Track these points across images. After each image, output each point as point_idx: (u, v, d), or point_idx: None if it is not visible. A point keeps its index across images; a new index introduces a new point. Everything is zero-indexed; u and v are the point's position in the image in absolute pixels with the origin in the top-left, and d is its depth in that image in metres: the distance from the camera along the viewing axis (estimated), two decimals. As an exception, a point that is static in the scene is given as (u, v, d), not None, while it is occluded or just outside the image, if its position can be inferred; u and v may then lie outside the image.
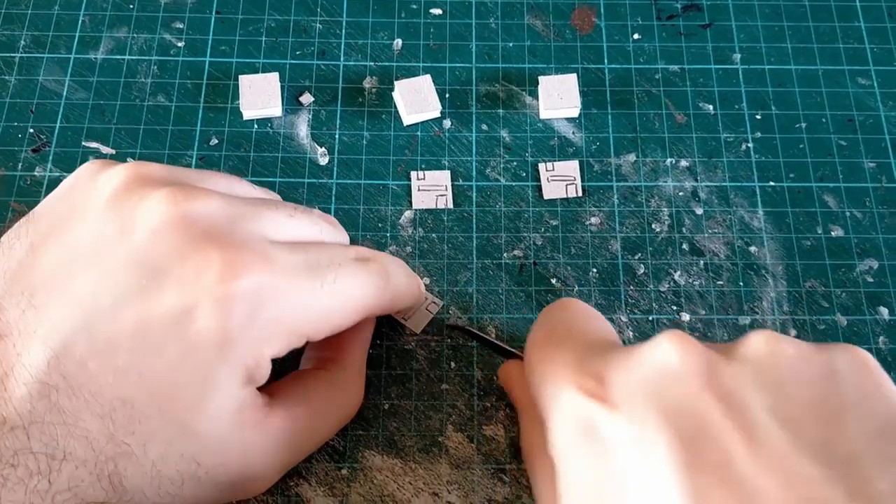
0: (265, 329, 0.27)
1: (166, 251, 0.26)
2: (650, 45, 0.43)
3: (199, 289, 0.26)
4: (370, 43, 0.43)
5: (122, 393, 0.25)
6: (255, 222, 0.29)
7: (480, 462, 0.34)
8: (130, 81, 0.42)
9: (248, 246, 0.27)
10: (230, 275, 0.26)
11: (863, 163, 0.41)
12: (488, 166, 0.40)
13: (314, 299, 0.28)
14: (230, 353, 0.26)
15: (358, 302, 0.30)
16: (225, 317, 0.26)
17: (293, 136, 0.41)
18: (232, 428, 0.27)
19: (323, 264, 0.29)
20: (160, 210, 0.27)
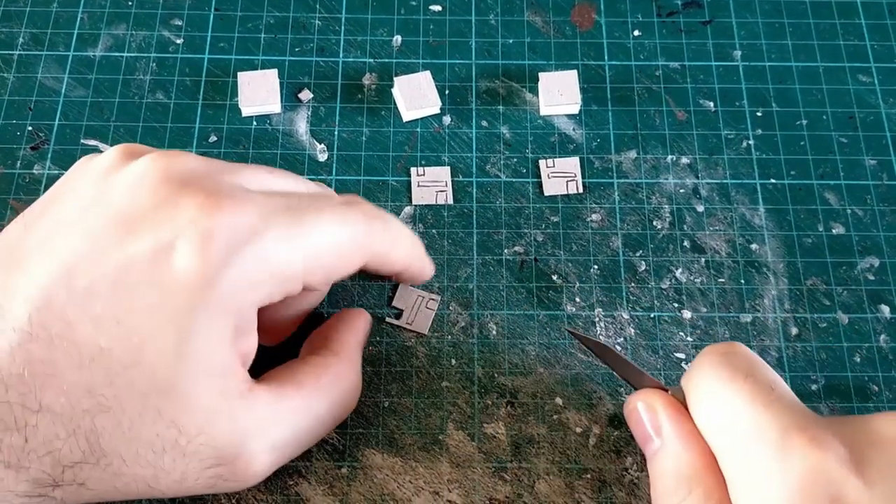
0: (247, 270, 0.26)
1: (143, 201, 0.27)
2: (650, 42, 0.43)
3: (175, 226, 0.26)
4: (369, 39, 0.43)
5: (99, 341, 0.25)
6: (235, 175, 0.29)
7: (481, 460, 0.34)
8: (129, 79, 0.42)
9: (222, 189, 0.27)
10: (207, 210, 0.26)
11: (864, 160, 0.40)
12: (488, 162, 0.40)
13: (297, 240, 0.28)
14: (210, 296, 0.26)
15: (348, 242, 0.29)
16: (203, 252, 0.25)
17: (292, 132, 0.40)
18: (215, 393, 0.26)
19: (303, 206, 0.28)
20: (139, 169, 0.27)
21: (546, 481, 0.33)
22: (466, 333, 0.36)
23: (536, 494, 0.33)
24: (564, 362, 0.35)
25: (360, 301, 0.36)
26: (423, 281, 0.36)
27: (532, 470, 0.33)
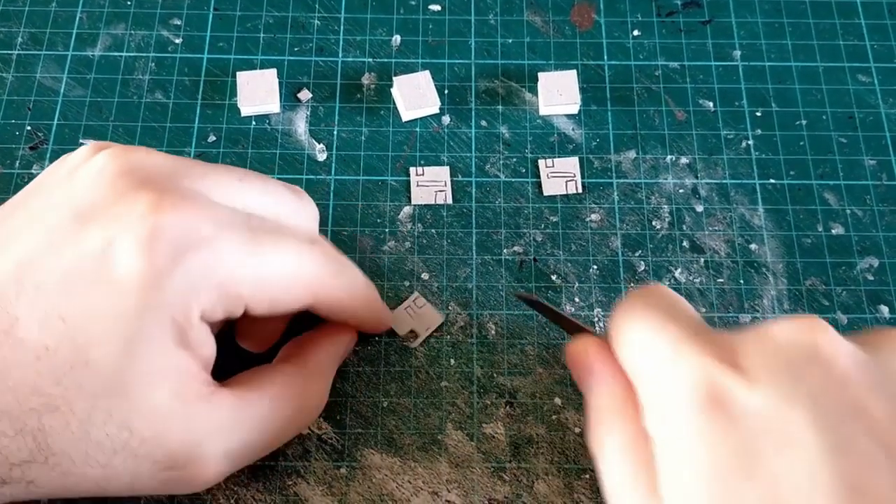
0: (192, 277, 0.26)
1: (99, 196, 0.26)
2: (650, 42, 0.43)
3: (123, 226, 0.25)
4: (368, 39, 0.43)
5: (46, 340, 0.25)
6: (199, 179, 0.28)
7: (480, 460, 0.34)
8: (128, 78, 0.42)
9: (182, 192, 0.27)
10: (157, 210, 0.25)
11: (863, 160, 0.40)
12: (488, 162, 0.40)
13: (249, 259, 0.27)
14: (153, 297, 0.25)
15: (300, 279, 0.29)
16: (147, 255, 0.25)
17: (291, 132, 0.40)
18: (169, 396, 0.26)
19: (263, 230, 0.28)
20: (101, 161, 0.27)
21: (545, 481, 0.33)
22: (465, 333, 0.36)
23: (535, 494, 0.33)
24: (563, 362, 0.35)
25: (359, 301, 0.36)
26: (379, 332, 0.35)
27: (531, 470, 0.33)
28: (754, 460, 0.22)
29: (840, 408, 0.22)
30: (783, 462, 0.22)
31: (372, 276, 0.37)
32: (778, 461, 0.22)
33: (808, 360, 0.23)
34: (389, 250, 0.38)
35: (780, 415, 0.22)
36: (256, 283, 0.28)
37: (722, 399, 0.23)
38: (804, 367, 0.23)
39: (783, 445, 0.22)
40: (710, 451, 0.23)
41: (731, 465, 0.23)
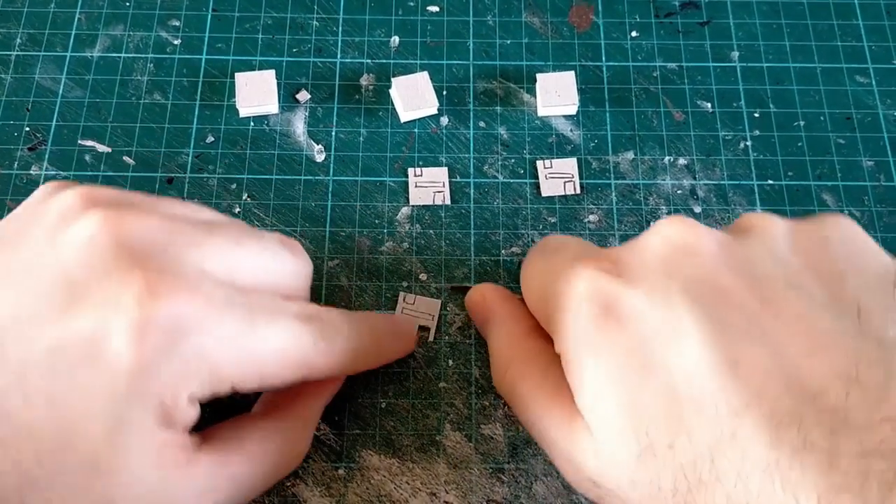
0: (183, 364, 0.25)
1: (90, 269, 0.25)
2: (648, 43, 0.43)
3: (115, 310, 0.24)
4: (367, 40, 0.43)
5: (29, 418, 0.24)
6: (195, 249, 0.27)
7: (478, 461, 0.34)
8: (127, 79, 0.42)
9: (177, 270, 0.26)
10: (150, 298, 0.24)
11: (861, 161, 0.40)
12: (486, 163, 0.40)
13: (242, 342, 0.26)
14: (143, 385, 0.25)
15: (292, 358, 0.28)
16: (139, 343, 0.24)
17: (290, 133, 0.40)
18: (150, 469, 0.25)
19: (258, 308, 0.27)
20: (92, 227, 0.26)
21: (543, 482, 0.33)
22: (464, 334, 0.36)
23: (534, 496, 0.33)
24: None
25: (357, 302, 0.36)
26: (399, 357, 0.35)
27: (529, 471, 0.33)
28: (648, 357, 0.24)
29: (710, 291, 0.24)
30: (672, 353, 0.24)
31: (370, 277, 0.37)
32: (668, 353, 0.24)
33: (679, 254, 0.25)
34: (387, 251, 0.38)
35: (662, 309, 0.24)
36: (247, 365, 0.27)
37: (611, 306, 0.25)
38: (676, 261, 0.25)
39: (669, 338, 0.24)
40: (609, 356, 0.25)
41: (630, 364, 0.24)
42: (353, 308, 0.36)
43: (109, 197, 0.28)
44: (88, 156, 0.40)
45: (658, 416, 0.24)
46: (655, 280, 0.25)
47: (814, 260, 0.25)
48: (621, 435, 0.24)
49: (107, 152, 0.40)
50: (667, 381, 0.24)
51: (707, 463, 0.22)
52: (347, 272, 0.37)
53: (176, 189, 0.39)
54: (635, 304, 0.25)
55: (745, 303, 0.24)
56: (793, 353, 0.22)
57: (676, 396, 0.23)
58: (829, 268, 0.25)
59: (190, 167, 0.39)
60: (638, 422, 0.24)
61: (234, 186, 0.39)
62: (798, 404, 0.21)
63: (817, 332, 0.22)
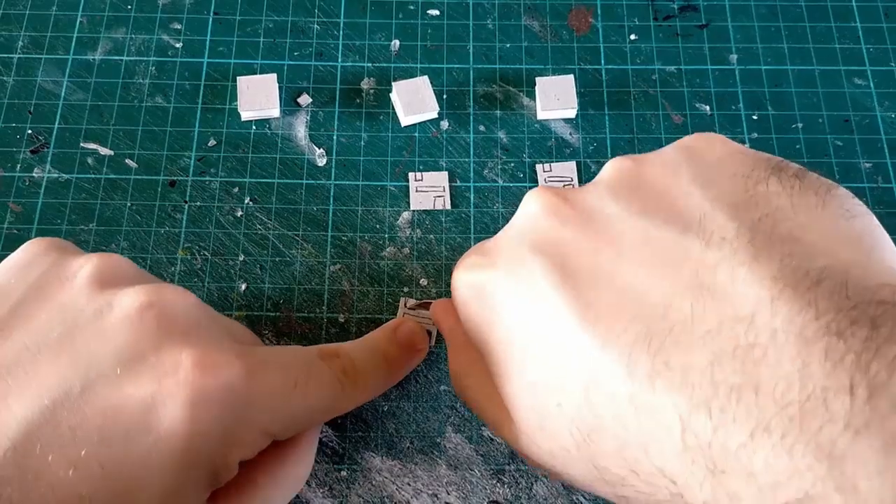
0: (235, 431, 0.26)
1: (142, 340, 0.25)
2: (647, 46, 0.43)
3: (172, 384, 0.25)
4: (368, 44, 0.43)
5: (81, 488, 0.23)
6: (226, 327, 0.29)
7: (479, 463, 0.34)
8: (128, 82, 0.42)
9: (223, 345, 0.27)
10: (204, 371, 0.25)
11: (859, 163, 0.41)
12: (486, 167, 0.40)
13: (285, 401, 0.27)
14: (197, 455, 0.25)
15: (324, 403, 0.29)
16: (195, 416, 0.25)
17: (291, 137, 0.41)
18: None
19: (292, 364, 0.28)
20: (139, 299, 0.26)
21: (544, 483, 0.34)
22: (461, 335, 0.36)
23: (534, 496, 0.33)
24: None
25: (359, 307, 0.37)
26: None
27: (530, 472, 0.34)
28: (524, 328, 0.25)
29: (553, 246, 0.25)
30: (536, 316, 0.24)
31: (371, 282, 0.37)
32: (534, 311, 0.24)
33: (530, 220, 0.26)
34: (389, 256, 0.38)
35: (518, 274, 0.25)
36: (290, 419, 0.28)
37: (483, 296, 0.26)
38: (527, 228, 0.26)
39: (532, 302, 0.24)
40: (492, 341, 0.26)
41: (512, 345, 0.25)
42: (355, 313, 0.37)
43: (128, 270, 0.28)
44: (90, 159, 0.40)
45: (544, 382, 0.24)
46: (511, 254, 0.26)
47: (671, 172, 0.25)
48: (526, 414, 0.25)
49: (109, 155, 0.40)
50: (541, 342, 0.24)
51: (587, 410, 0.22)
52: (349, 277, 0.37)
53: (178, 192, 0.39)
54: (497, 283, 0.26)
55: (588, 248, 0.24)
56: (638, 282, 0.22)
57: (550, 353, 0.23)
58: (674, 190, 0.24)
59: (192, 170, 0.40)
60: (532, 396, 0.25)
61: (237, 190, 0.39)
62: (648, 328, 0.21)
63: (660, 253, 0.22)
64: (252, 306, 0.37)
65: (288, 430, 0.29)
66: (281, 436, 0.28)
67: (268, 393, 0.27)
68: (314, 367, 0.29)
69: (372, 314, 0.37)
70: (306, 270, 0.37)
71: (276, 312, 0.37)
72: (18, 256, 0.28)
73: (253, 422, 0.27)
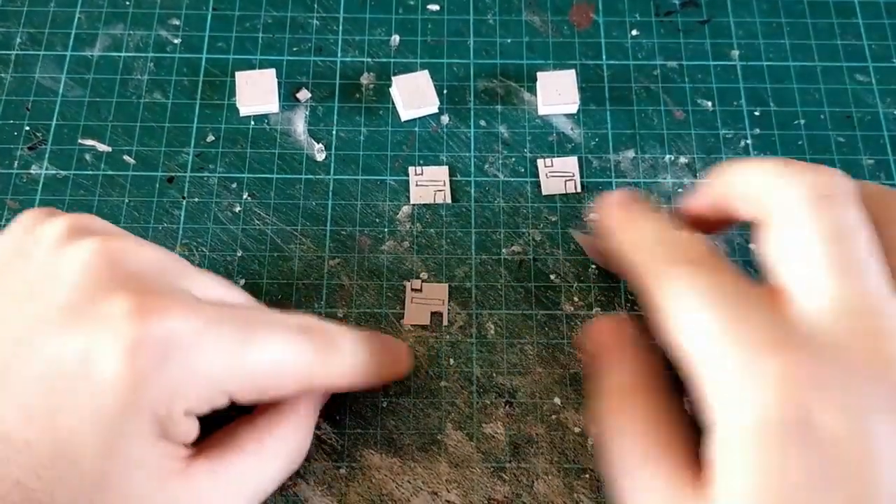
0: (177, 379, 0.26)
1: (85, 291, 0.26)
2: (648, 42, 0.43)
3: (107, 329, 0.25)
4: (367, 39, 0.43)
5: (28, 433, 0.25)
6: (186, 279, 0.28)
7: (480, 460, 0.34)
8: (127, 78, 0.42)
9: (168, 292, 0.26)
10: (141, 317, 0.25)
11: (861, 160, 0.40)
12: (486, 162, 0.40)
13: (238, 356, 0.27)
14: (135, 400, 0.25)
15: (290, 370, 0.28)
16: (130, 360, 0.25)
17: (290, 132, 0.40)
18: (149, 481, 0.26)
19: (252, 322, 0.27)
20: (89, 252, 0.26)
21: (545, 481, 0.33)
22: (465, 333, 0.36)
23: (535, 494, 0.33)
24: (563, 362, 0.35)
25: (358, 301, 0.36)
26: (396, 378, 0.34)
27: (531, 470, 0.33)
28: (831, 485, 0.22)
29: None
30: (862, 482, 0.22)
31: (371, 276, 0.37)
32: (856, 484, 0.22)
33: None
34: (388, 250, 0.38)
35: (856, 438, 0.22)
36: (243, 378, 0.27)
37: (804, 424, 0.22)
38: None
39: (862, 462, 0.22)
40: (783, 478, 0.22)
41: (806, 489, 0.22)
42: (354, 307, 0.36)
43: (99, 226, 0.29)
44: (89, 155, 0.39)
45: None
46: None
47: None
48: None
49: (107, 151, 0.40)
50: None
51: None
52: (348, 271, 0.37)
53: (176, 188, 0.39)
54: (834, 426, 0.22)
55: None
56: None
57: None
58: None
59: (190, 166, 0.39)
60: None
61: (235, 185, 0.39)
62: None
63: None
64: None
65: (247, 390, 0.28)
66: (241, 397, 0.28)
67: (216, 344, 0.26)
68: (280, 328, 0.28)
69: (371, 308, 0.36)
70: (305, 265, 0.37)
71: (275, 308, 0.36)
72: (9, 228, 0.30)
73: (200, 374, 0.26)
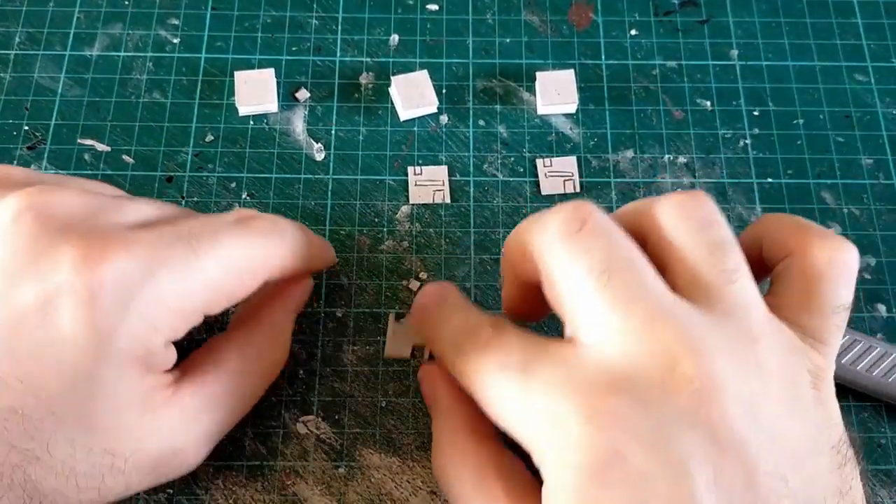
0: (145, 315, 0.26)
1: (23, 248, 0.25)
2: (647, 41, 0.43)
3: (59, 285, 0.25)
4: (366, 39, 0.43)
5: (8, 402, 0.25)
6: (117, 212, 0.28)
7: (478, 459, 0.34)
8: (126, 78, 0.42)
9: (106, 234, 0.26)
10: (88, 266, 0.25)
11: (860, 159, 0.40)
12: (486, 162, 0.40)
13: (194, 272, 0.27)
14: (110, 348, 0.25)
15: (249, 265, 0.28)
16: (90, 311, 0.25)
17: (289, 132, 0.40)
18: (138, 414, 0.26)
19: (195, 233, 0.27)
20: (14, 207, 0.26)
21: (543, 480, 0.33)
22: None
23: (534, 494, 0.33)
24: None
25: (358, 301, 0.36)
26: (328, 265, 0.35)
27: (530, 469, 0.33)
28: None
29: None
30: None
31: (370, 276, 0.37)
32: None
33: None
34: (387, 249, 0.38)
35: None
36: (208, 289, 0.27)
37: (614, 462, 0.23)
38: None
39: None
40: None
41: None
42: (353, 307, 0.36)
43: (21, 177, 0.28)
44: (88, 155, 0.39)
45: None
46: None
47: None
48: None
49: (106, 151, 0.40)
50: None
51: None
52: (347, 270, 0.37)
53: (175, 188, 0.39)
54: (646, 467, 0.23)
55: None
56: None
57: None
58: None
59: (189, 166, 0.39)
60: None
61: (234, 185, 0.39)
62: None
63: None
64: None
65: (213, 301, 0.28)
66: (211, 309, 0.28)
67: (168, 270, 0.26)
68: (222, 232, 0.28)
69: (370, 308, 0.36)
70: (304, 265, 0.37)
71: (274, 308, 0.36)
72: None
73: (164, 302, 0.26)
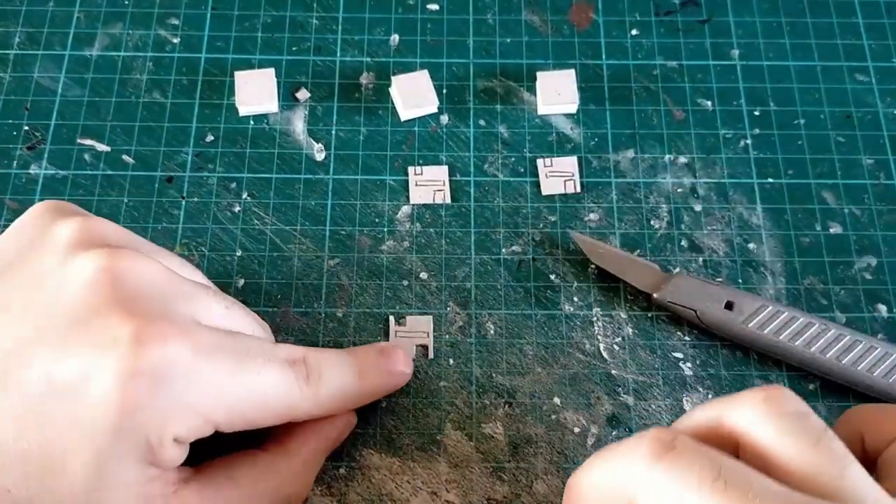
0: (169, 407, 0.26)
1: (89, 307, 0.26)
2: (648, 41, 0.43)
3: (106, 353, 0.25)
4: (367, 39, 0.43)
5: (21, 443, 0.25)
6: (188, 302, 0.28)
7: (479, 460, 0.34)
8: (125, 78, 0.42)
9: (168, 318, 0.26)
10: (139, 343, 0.25)
11: (861, 159, 0.40)
12: (486, 162, 0.40)
13: (230, 386, 0.27)
14: (127, 425, 0.25)
15: (276, 402, 0.28)
16: (125, 385, 0.25)
17: (289, 132, 0.40)
18: (134, 501, 0.26)
19: (249, 354, 0.28)
20: (96, 264, 0.26)
21: (544, 481, 0.33)
22: (464, 333, 0.36)
23: (534, 494, 0.33)
24: (562, 362, 0.35)
25: (358, 300, 0.36)
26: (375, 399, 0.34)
27: (530, 470, 0.33)
28: None
29: None
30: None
31: (370, 276, 0.37)
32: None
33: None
34: (388, 249, 0.38)
35: None
36: (232, 410, 0.27)
37: None
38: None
39: None
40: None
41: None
42: (353, 307, 0.36)
43: (111, 234, 0.29)
44: (88, 155, 0.39)
45: None
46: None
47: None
48: None
49: (106, 151, 0.40)
50: None
51: None
52: (348, 271, 0.37)
53: (175, 188, 0.39)
54: None
55: None
56: None
57: None
58: None
59: (189, 166, 0.39)
60: None
61: (234, 185, 0.39)
62: None
63: None
64: (250, 302, 0.36)
65: (232, 421, 0.28)
66: (225, 427, 0.28)
67: (209, 375, 0.26)
68: (271, 362, 0.28)
69: (370, 308, 0.36)
70: (304, 265, 0.37)
71: (274, 308, 0.36)
72: (20, 220, 0.29)
73: (192, 402, 0.26)
